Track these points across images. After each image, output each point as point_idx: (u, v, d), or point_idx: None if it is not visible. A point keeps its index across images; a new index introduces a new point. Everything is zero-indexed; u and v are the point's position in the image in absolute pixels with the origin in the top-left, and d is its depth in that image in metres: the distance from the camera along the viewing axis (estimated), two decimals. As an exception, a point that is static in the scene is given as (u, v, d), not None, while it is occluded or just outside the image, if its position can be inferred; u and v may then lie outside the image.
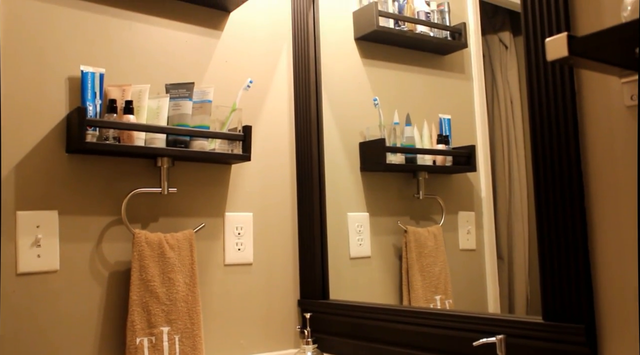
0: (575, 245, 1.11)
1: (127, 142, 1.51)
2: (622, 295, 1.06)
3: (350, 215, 1.86)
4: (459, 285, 1.73)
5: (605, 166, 1.09)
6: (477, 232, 1.73)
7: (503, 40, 1.71)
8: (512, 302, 1.58)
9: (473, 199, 1.76)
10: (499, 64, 1.72)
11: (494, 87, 1.71)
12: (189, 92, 1.62)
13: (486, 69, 1.74)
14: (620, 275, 1.07)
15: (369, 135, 1.88)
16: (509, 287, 1.60)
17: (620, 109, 1.07)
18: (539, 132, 1.17)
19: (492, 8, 1.74)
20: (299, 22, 1.93)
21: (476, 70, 1.78)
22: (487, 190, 1.70)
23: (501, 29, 1.71)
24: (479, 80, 1.76)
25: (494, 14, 1.74)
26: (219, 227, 1.73)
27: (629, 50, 0.92)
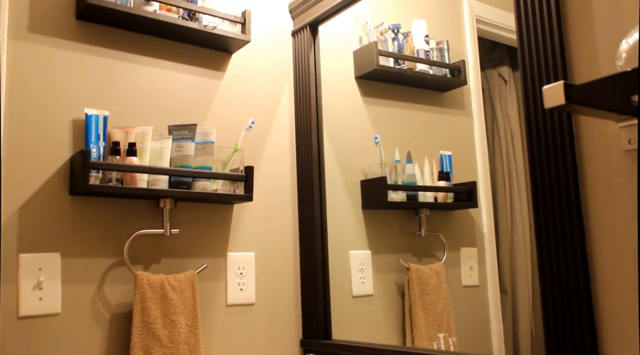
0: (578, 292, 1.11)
1: (130, 183, 1.52)
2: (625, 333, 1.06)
3: (352, 253, 1.86)
4: (462, 322, 1.72)
5: (605, 209, 1.10)
6: (480, 267, 1.72)
7: (502, 74, 1.73)
8: (517, 337, 1.57)
9: (475, 234, 1.76)
10: (499, 98, 1.73)
11: (494, 121, 1.73)
12: (191, 134, 1.63)
13: (486, 103, 1.75)
14: (623, 318, 1.06)
15: (370, 173, 1.89)
16: (513, 321, 1.58)
17: (619, 152, 1.08)
18: (539, 177, 1.17)
19: (490, 43, 1.76)
20: (300, 62, 1.95)
21: (476, 106, 1.79)
22: (489, 225, 1.70)
23: (500, 63, 1.73)
24: (479, 116, 1.77)
25: (493, 49, 1.76)
26: (221, 267, 1.73)
27: (625, 97, 0.93)
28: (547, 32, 1.17)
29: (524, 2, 1.22)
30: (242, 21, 1.77)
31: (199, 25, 1.69)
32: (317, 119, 1.89)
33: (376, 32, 1.91)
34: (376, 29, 1.91)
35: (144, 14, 1.60)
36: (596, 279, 1.10)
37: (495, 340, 1.62)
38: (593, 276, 1.11)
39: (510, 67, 1.68)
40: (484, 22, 1.76)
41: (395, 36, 1.90)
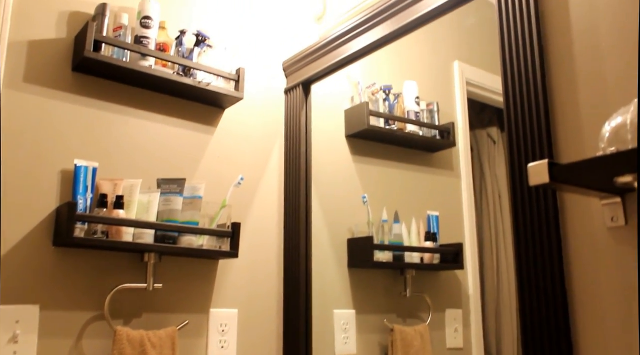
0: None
1: (116, 236, 1.52)
2: None
3: (337, 312, 1.84)
4: (446, 385, 1.70)
5: (589, 285, 1.10)
6: (465, 330, 1.71)
7: (491, 135, 1.75)
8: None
9: (461, 296, 1.75)
10: (487, 158, 1.76)
11: (482, 181, 1.74)
12: (180, 188, 1.64)
13: (475, 163, 1.77)
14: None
15: (357, 232, 1.89)
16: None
17: (602, 230, 1.09)
18: (524, 252, 1.18)
19: (480, 105, 1.79)
20: (292, 120, 1.98)
21: (464, 168, 1.81)
22: (475, 287, 1.70)
23: (489, 124, 1.76)
24: (467, 178, 1.78)
25: (482, 110, 1.79)
26: (203, 324, 1.71)
27: (607, 178, 0.95)
28: (534, 111, 1.19)
29: (512, 82, 1.26)
30: (236, 78, 1.80)
31: (193, 82, 1.71)
32: (306, 177, 1.90)
33: (368, 92, 1.94)
34: (368, 89, 1.94)
35: (140, 69, 1.62)
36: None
37: (479, 405, 1.60)
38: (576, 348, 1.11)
39: (499, 128, 1.71)
40: (474, 85, 1.80)
41: (387, 97, 1.94)
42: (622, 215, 1.07)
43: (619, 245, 1.07)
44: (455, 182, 1.84)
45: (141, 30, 1.65)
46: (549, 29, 1.24)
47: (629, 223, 1.06)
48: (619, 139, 0.93)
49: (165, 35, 1.73)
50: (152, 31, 1.66)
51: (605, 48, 1.13)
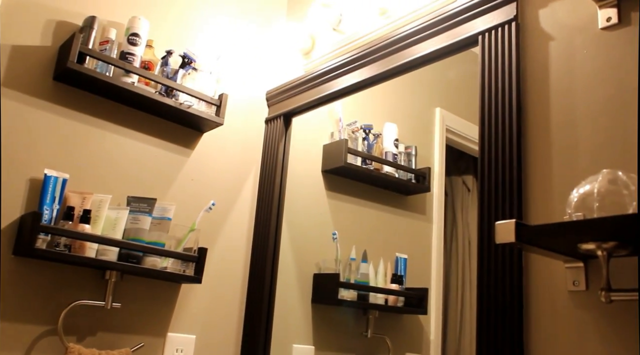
0: None
1: (79, 251, 1.49)
2: None
3: (296, 347, 1.82)
4: None
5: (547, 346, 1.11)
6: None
7: (466, 183, 1.77)
8: None
9: (422, 340, 1.75)
10: (461, 205, 1.77)
11: (453, 227, 1.76)
12: (149, 208, 1.62)
13: (447, 208, 1.78)
14: None
15: (324, 268, 1.88)
16: None
17: (563, 292, 1.11)
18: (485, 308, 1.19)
19: (457, 152, 1.81)
20: (270, 150, 1.98)
21: (436, 213, 1.82)
22: (437, 333, 1.70)
23: (465, 172, 1.78)
24: (439, 223, 1.80)
25: (459, 157, 1.81)
26: (158, 348, 1.68)
27: (571, 243, 0.96)
28: (507, 170, 1.21)
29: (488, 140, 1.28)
30: (218, 103, 1.80)
31: (174, 102, 1.71)
32: (278, 208, 1.90)
33: (348, 129, 1.95)
34: (348, 127, 1.96)
35: (122, 85, 1.61)
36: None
37: None
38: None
39: (475, 176, 1.73)
40: (454, 132, 1.82)
41: (366, 136, 1.95)
42: (584, 280, 1.08)
43: (578, 308, 1.08)
44: (426, 226, 1.86)
45: (127, 47, 1.65)
46: (529, 90, 1.26)
47: (589, 288, 1.07)
48: (585, 206, 0.95)
49: (151, 54, 1.73)
50: (138, 48, 1.66)
51: (579, 114, 1.16)
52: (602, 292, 0.96)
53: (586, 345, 1.05)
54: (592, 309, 1.06)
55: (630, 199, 0.92)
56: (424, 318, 1.75)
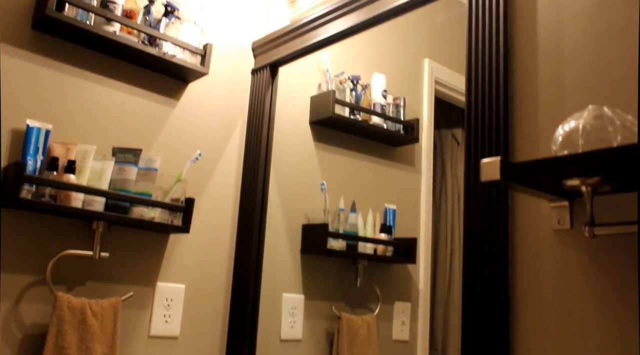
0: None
1: (64, 201, 1.48)
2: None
3: (285, 296, 1.84)
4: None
5: (531, 286, 1.12)
6: (412, 323, 1.73)
7: (456, 136, 1.77)
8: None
9: (411, 290, 1.77)
10: (450, 158, 1.77)
11: (443, 179, 1.76)
12: (135, 158, 1.61)
13: (437, 161, 1.79)
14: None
15: (312, 219, 1.89)
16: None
17: (548, 231, 1.11)
18: (471, 246, 1.20)
19: (447, 105, 1.80)
20: (257, 101, 1.96)
21: (425, 165, 1.82)
22: (425, 282, 1.72)
23: (455, 125, 1.78)
24: (427, 174, 1.80)
25: (449, 110, 1.80)
26: (148, 297, 1.69)
27: (556, 180, 0.96)
28: (494, 109, 1.20)
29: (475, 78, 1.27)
30: (202, 53, 1.77)
31: (158, 52, 1.68)
32: (265, 159, 1.89)
33: (336, 80, 1.93)
34: (336, 78, 1.94)
35: (104, 34, 1.58)
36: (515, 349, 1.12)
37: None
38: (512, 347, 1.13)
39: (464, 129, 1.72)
40: (443, 84, 1.81)
41: (354, 87, 1.93)
42: (569, 218, 1.09)
43: (563, 246, 1.09)
44: (415, 177, 1.86)
45: (108, -6, 1.61)
46: (516, 31, 1.25)
47: (574, 226, 1.08)
48: (570, 143, 0.95)
49: (133, 2, 1.69)
50: (119, -4, 1.62)
51: (567, 54, 1.15)
52: (586, 227, 0.96)
53: (570, 281, 1.06)
54: (577, 247, 1.07)
55: (615, 135, 0.92)
56: (413, 268, 1.76)
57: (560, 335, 1.06)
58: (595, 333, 1.01)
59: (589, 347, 1.02)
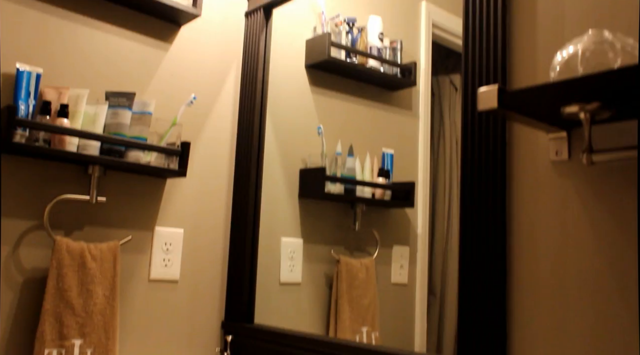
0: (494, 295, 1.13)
1: (59, 146, 1.47)
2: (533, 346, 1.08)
3: (284, 240, 1.85)
4: (387, 318, 1.73)
5: (528, 219, 1.12)
6: (410, 267, 1.74)
7: (454, 82, 1.74)
8: (441, 338, 1.59)
9: (409, 234, 1.77)
10: (448, 104, 1.75)
11: (441, 126, 1.74)
12: (129, 102, 1.59)
13: (435, 108, 1.77)
14: (532, 332, 1.09)
15: (310, 163, 1.88)
16: (439, 323, 1.61)
17: (546, 162, 1.11)
18: (468, 178, 1.19)
19: (445, 50, 1.77)
20: (251, 44, 1.93)
21: (423, 109, 1.80)
22: (424, 226, 1.72)
23: (453, 71, 1.75)
24: (425, 119, 1.78)
25: (447, 56, 1.77)
26: (146, 241, 1.69)
27: (554, 108, 0.95)
28: (492, 38, 1.18)
29: (472, 8, 1.24)
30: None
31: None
32: (261, 104, 1.87)
33: (331, 23, 1.90)
34: (331, 20, 1.90)
35: (92, -27, 1.54)
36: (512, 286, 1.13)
37: (418, 339, 1.64)
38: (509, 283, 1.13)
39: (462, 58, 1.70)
40: (440, 28, 1.77)
41: (350, 29, 1.90)
42: (566, 149, 1.08)
43: (561, 177, 1.08)
44: (412, 122, 1.84)
45: None
46: (515, -41, 1.21)
47: (572, 157, 1.07)
48: (569, 69, 0.93)
49: (121, -59, 1.64)
50: None
51: (567, -20, 1.12)
52: (584, 154, 0.95)
53: (568, 211, 1.06)
54: (574, 177, 1.06)
55: (615, 60, 0.90)
56: (411, 212, 1.76)
57: (557, 265, 1.06)
58: (593, 260, 1.02)
59: (586, 275, 1.02)
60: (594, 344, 1.00)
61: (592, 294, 1.01)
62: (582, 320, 1.01)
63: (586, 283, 1.02)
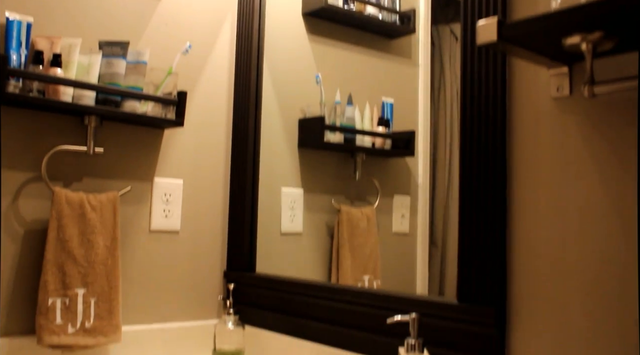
0: (494, 232, 1.13)
1: (53, 96, 1.45)
2: (533, 283, 1.09)
3: (284, 190, 1.84)
4: (388, 267, 1.74)
5: (529, 156, 1.11)
6: (412, 216, 1.74)
7: (454, 31, 1.71)
8: (443, 288, 1.60)
9: (410, 183, 1.77)
10: (449, 54, 1.73)
11: (441, 76, 1.72)
12: (123, 51, 1.56)
13: (435, 58, 1.74)
14: (533, 264, 1.09)
15: (309, 113, 1.86)
16: (441, 273, 1.61)
17: (547, 99, 1.09)
18: (468, 115, 1.18)
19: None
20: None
21: (423, 57, 1.78)
22: (425, 176, 1.71)
23: (453, 20, 1.71)
24: (425, 67, 1.76)
25: (447, 4, 1.74)
26: (146, 192, 1.69)
27: (555, 40, 0.93)
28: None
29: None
30: (186, -62, 1.68)
31: (138, -64, 1.59)
32: (257, 53, 1.84)
33: (328, -31, 1.85)
34: (328, -33, 1.86)
35: None
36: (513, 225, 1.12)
37: (420, 287, 1.66)
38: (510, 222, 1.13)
39: (463, 24, 1.67)
40: (439, -27, 1.73)
41: (347, -24, 1.86)
42: (568, 85, 1.06)
43: (562, 114, 1.07)
44: (412, 70, 1.82)
45: None
46: None
47: (573, 93, 1.05)
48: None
49: None
50: None
51: None
52: (586, 86, 0.94)
53: (569, 147, 1.05)
54: (576, 113, 1.05)
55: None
56: (412, 161, 1.75)
57: (558, 201, 1.06)
58: (594, 195, 1.01)
59: (586, 210, 1.02)
60: (594, 276, 1.00)
61: (593, 227, 1.00)
62: (583, 252, 1.01)
63: (587, 218, 1.01)
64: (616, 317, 0.97)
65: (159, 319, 1.69)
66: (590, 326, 1.00)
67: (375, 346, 1.34)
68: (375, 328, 1.34)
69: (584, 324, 1.01)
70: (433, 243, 1.67)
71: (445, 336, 1.19)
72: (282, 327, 1.61)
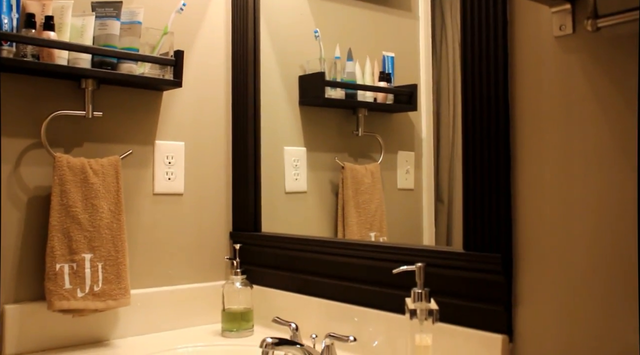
0: (498, 178, 1.12)
1: (48, 60, 1.43)
2: (538, 229, 1.08)
3: (287, 149, 1.83)
4: (395, 223, 1.74)
5: (532, 99, 1.09)
6: (417, 172, 1.73)
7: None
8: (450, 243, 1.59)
9: (414, 139, 1.75)
10: (450, 6, 1.69)
11: (443, 29, 1.68)
12: (116, 12, 1.53)
13: (436, 10, 1.70)
14: (538, 209, 1.08)
15: (309, 69, 1.84)
16: (447, 229, 1.61)
17: (549, 39, 1.06)
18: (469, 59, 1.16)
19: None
20: (239, -56, 1.84)
21: (423, 10, 1.74)
22: (428, 131, 1.69)
23: (451, -32, 1.67)
24: (425, 20, 1.72)
25: (446, -46, 1.69)
26: (148, 156, 1.68)
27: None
28: None
29: None
30: None
31: None
32: (254, 8, 1.80)
33: None
34: None
35: None
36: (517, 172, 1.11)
37: (427, 243, 1.65)
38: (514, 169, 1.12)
39: None
40: None
41: None
42: (571, 23, 1.03)
43: (565, 53, 1.04)
44: (412, 23, 1.78)
45: None
46: None
47: (576, 31, 1.03)
48: None
49: None
50: None
51: None
52: (589, 20, 0.91)
53: (572, 87, 1.03)
54: (579, 51, 1.02)
55: None
56: (415, 116, 1.73)
57: (562, 143, 1.04)
58: (598, 136, 0.99)
59: (591, 152, 1.00)
60: (599, 219, 0.99)
61: (598, 169, 0.99)
62: (588, 195, 1.00)
63: (592, 159, 1.00)
64: (619, 260, 0.96)
65: (167, 281, 1.69)
66: (595, 269, 0.99)
67: (383, 299, 1.34)
68: (382, 281, 1.34)
69: (589, 267, 1.00)
70: (439, 199, 1.66)
71: (452, 285, 1.19)
72: (290, 285, 1.62)
